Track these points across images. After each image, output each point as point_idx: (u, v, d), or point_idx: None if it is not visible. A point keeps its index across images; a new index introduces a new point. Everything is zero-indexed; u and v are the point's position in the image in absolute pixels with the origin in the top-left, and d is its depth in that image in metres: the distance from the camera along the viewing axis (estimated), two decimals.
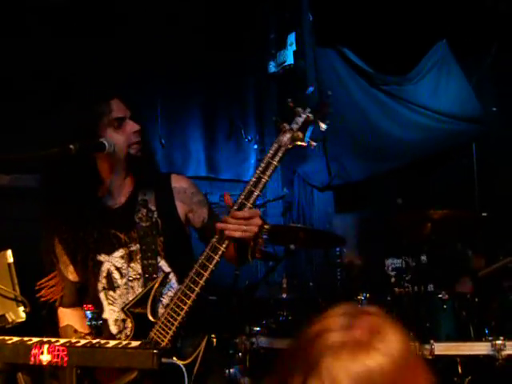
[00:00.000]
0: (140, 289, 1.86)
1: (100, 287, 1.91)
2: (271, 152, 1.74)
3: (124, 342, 1.56)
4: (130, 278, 1.89)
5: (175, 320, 1.73)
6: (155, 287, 1.81)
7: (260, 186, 1.73)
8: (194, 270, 1.74)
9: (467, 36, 4.39)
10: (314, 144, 1.77)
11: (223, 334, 3.35)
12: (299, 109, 1.77)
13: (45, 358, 1.47)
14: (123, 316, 1.85)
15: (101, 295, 1.92)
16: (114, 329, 1.91)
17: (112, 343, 1.55)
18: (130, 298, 1.85)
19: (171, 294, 1.86)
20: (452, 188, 4.55)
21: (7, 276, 1.72)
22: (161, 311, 1.83)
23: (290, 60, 5.55)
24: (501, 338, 2.47)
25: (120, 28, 4.72)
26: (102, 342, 1.55)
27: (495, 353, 2.45)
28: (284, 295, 3.77)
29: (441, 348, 2.59)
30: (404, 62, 4.86)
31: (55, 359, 1.46)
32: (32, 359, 1.48)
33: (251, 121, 6.12)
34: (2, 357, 1.51)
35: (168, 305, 1.79)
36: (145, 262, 1.87)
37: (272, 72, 5.75)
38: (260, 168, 1.74)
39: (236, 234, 1.72)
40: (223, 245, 1.72)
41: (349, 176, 5.29)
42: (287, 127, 1.76)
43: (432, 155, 4.83)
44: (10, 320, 1.68)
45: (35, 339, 1.55)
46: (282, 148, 1.74)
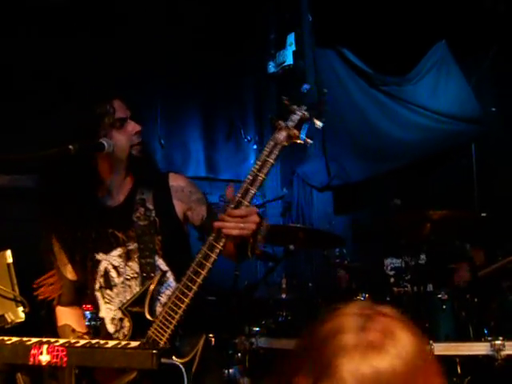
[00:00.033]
0: (137, 288, 1.86)
1: (97, 286, 1.91)
2: (267, 150, 1.74)
3: (123, 343, 1.56)
4: (128, 277, 1.89)
5: (173, 318, 1.73)
6: (153, 286, 1.81)
7: (256, 184, 1.72)
8: (192, 269, 1.73)
9: (466, 37, 4.39)
10: (310, 141, 1.77)
11: (223, 335, 3.34)
12: (295, 106, 1.77)
13: (44, 359, 1.47)
14: (120, 315, 1.85)
15: (97, 294, 1.91)
16: (111, 328, 1.90)
17: (111, 343, 1.54)
18: (128, 297, 1.85)
19: (169, 293, 1.85)
20: (451, 188, 4.55)
21: (6, 276, 1.72)
22: (159, 310, 1.82)
23: (290, 60, 5.55)
24: (500, 338, 2.47)
25: (119, 28, 4.73)
26: (102, 343, 1.55)
27: (494, 353, 2.45)
28: (283, 295, 3.77)
29: (440, 348, 2.58)
30: (403, 63, 4.86)
31: (54, 359, 1.46)
32: (31, 359, 1.48)
33: (251, 121, 6.13)
34: (2, 357, 1.51)
35: (166, 303, 1.78)
36: (142, 261, 1.87)
37: (271, 72, 5.75)
38: (256, 166, 1.73)
39: (234, 232, 1.71)
40: (220, 243, 1.72)
41: (348, 176, 5.28)
42: (283, 125, 1.75)
43: (431, 155, 4.83)
44: (10, 320, 1.68)
45: (34, 339, 1.55)
46: (278, 146, 1.74)
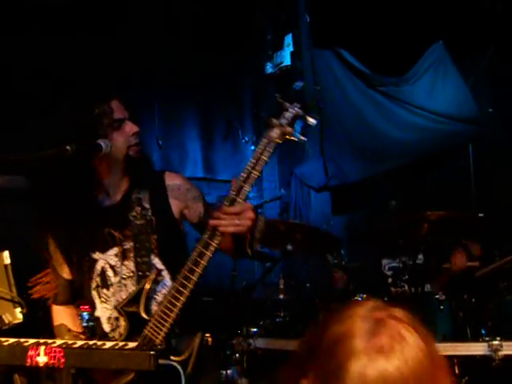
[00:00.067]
0: (133, 287, 1.86)
1: (93, 285, 1.91)
2: (261, 147, 1.74)
3: (121, 344, 1.56)
4: (124, 276, 1.89)
5: (169, 317, 1.73)
6: (148, 285, 1.81)
7: (250, 182, 1.73)
8: (187, 267, 1.73)
9: (464, 37, 4.39)
10: (304, 138, 1.78)
11: (220, 335, 3.34)
12: (288, 104, 1.78)
13: (41, 360, 1.46)
14: (116, 314, 1.85)
15: (93, 293, 1.91)
16: (107, 327, 1.90)
17: (109, 344, 1.54)
18: (123, 296, 1.85)
19: (165, 292, 1.85)
20: (449, 189, 4.56)
21: (4, 277, 1.72)
22: (154, 309, 1.83)
23: (287, 61, 5.55)
24: (497, 339, 2.46)
25: (117, 28, 4.72)
26: (99, 344, 1.55)
27: (492, 353, 2.45)
28: (281, 296, 3.76)
29: (437, 348, 2.58)
30: (401, 63, 4.86)
31: (52, 361, 1.46)
32: (28, 361, 1.47)
33: (248, 122, 6.13)
34: None
35: (162, 302, 1.79)
36: (138, 260, 1.87)
37: (269, 73, 5.75)
38: (250, 164, 1.74)
39: (229, 230, 1.72)
40: (215, 241, 1.73)
41: (346, 177, 5.28)
42: (276, 122, 1.76)
43: (429, 156, 4.84)
44: (7, 321, 1.68)
45: (32, 340, 1.55)
46: (272, 143, 1.74)
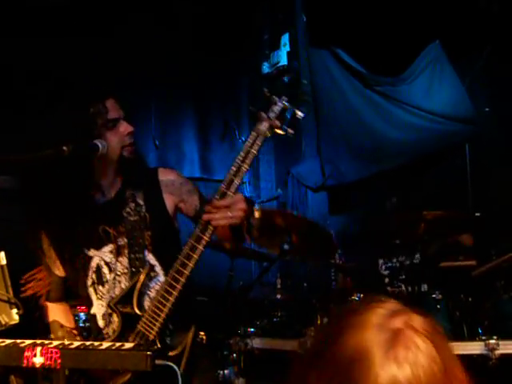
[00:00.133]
0: (126, 283, 1.87)
1: (89, 282, 1.92)
2: (250, 141, 1.77)
3: (117, 344, 1.56)
4: (118, 273, 1.89)
5: (162, 311, 1.74)
6: (141, 280, 1.81)
7: (240, 175, 1.75)
8: (179, 261, 1.75)
9: (460, 37, 4.40)
10: (292, 131, 1.81)
11: (217, 335, 3.34)
12: (276, 97, 1.80)
13: (38, 361, 1.46)
14: (110, 310, 1.86)
15: (90, 290, 1.92)
16: (102, 323, 1.91)
17: (105, 345, 1.54)
18: (117, 293, 1.86)
19: (158, 288, 1.86)
20: (445, 188, 4.56)
21: (0, 278, 1.71)
22: (147, 304, 1.83)
23: (284, 61, 5.54)
24: (494, 338, 2.46)
25: (114, 28, 4.71)
26: (96, 344, 1.55)
27: (489, 352, 2.44)
28: (278, 296, 3.76)
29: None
30: (397, 63, 4.87)
31: (48, 361, 1.46)
32: (25, 361, 1.47)
33: (245, 122, 6.11)
34: None
35: (155, 297, 1.79)
36: (132, 256, 1.88)
37: (266, 73, 5.75)
38: (239, 157, 1.76)
39: (222, 223, 1.74)
40: (207, 234, 1.74)
41: (343, 177, 5.28)
42: (264, 116, 1.78)
43: (426, 156, 4.84)
44: (3, 322, 1.68)
45: (28, 341, 1.55)
46: (261, 136, 1.77)
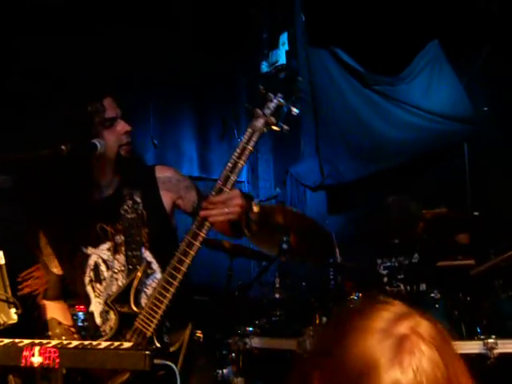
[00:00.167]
0: (123, 280, 1.87)
1: (87, 280, 1.92)
2: (246, 137, 1.79)
3: (116, 344, 1.56)
4: (115, 270, 1.90)
5: (159, 308, 1.74)
6: (138, 276, 1.82)
7: (236, 171, 1.77)
8: (176, 258, 1.75)
9: (459, 36, 4.40)
10: (287, 128, 1.83)
11: (216, 334, 3.34)
12: (271, 94, 1.82)
13: (36, 360, 1.46)
14: (107, 308, 1.86)
15: (88, 288, 1.92)
16: (99, 321, 1.92)
17: (104, 344, 1.54)
18: (114, 290, 1.87)
19: (155, 285, 1.86)
20: (444, 188, 4.57)
21: None
22: (144, 302, 1.84)
23: (283, 60, 5.54)
24: (493, 337, 2.47)
25: (114, 28, 4.70)
26: (94, 344, 1.55)
27: (487, 351, 2.45)
28: (277, 295, 3.76)
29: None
30: (396, 62, 4.87)
31: (46, 361, 1.45)
32: (23, 361, 1.47)
33: (244, 121, 6.11)
34: None
35: (152, 294, 1.80)
36: (129, 254, 1.89)
37: (264, 72, 5.75)
38: (236, 153, 1.78)
39: (219, 219, 1.75)
40: (203, 230, 1.75)
41: (341, 176, 5.28)
42: (260, 112, 1.80)
43: (424, 155, 4.85)
44: (2, 322, 1.67)
45: (26, 341, 1.55)
46: (256, 133, 1.79)
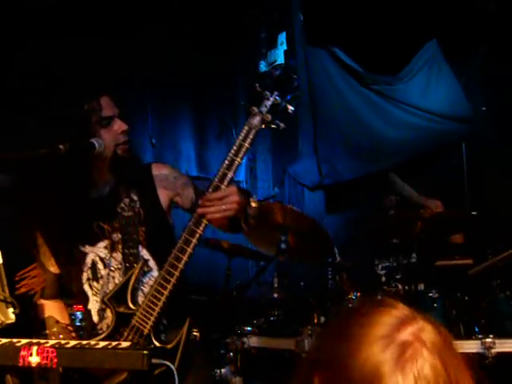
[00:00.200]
0: (120, 278, 1.87)
1: (84, 278, 1.92)
2: (242, 135, 1.80)
3: (114, 343, 1.56)
4: (112, 268, 1.90)
5: (156, 306, 1.74)
6: (135, 274, 1.82)
7: (233, 168, 1.78)
8: (173, 255, 1.76)
9: (457, 36, 4.40)
10: (283, 125, 1.85)
11: (214, 334, 3.34)
12: (267, 92, 1.83)
13: (34, 360, 1.46)
14: (104, 306, 1.87)
15: (85, 286, 1.92)
16: (96, 319, 1.92)
17: (102, 344, 1.54)
18: (111, 288, 1.87)
19: (152, 283, 1.86)
20: (442, 187, 4.57)
21: None
22: (141, 300, 1.84)
23: (281, 59, 5.54)
24: (491, 336, 2.47)
25: (113, 28, 4.70)
26: (92, 343, 1.55)
27: (485, 351, 2.45)
28: (275, 295, 3.76)
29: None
30: (394, 62, 4.87)
31: (44, 361, 1.45)
32: (21, 361, 1.47)
33: (242, 120, 6.10)
34: None
35: (149, 292, 1.80)
36: (126, 252, 1.89)
37: (263, 71, 5.75)
38: (232, 151, 1.80)
39: (216, 216, 1.76)
40: (200, 227, 1.76)
41: (339, 176, 5.28)
42: (256, 110, 1.82)
43: (423, 154, 4.85)
44: (0, 322, 1.67)
45: (24, 341, 1.54)
46: (253, 130, 1.80)
